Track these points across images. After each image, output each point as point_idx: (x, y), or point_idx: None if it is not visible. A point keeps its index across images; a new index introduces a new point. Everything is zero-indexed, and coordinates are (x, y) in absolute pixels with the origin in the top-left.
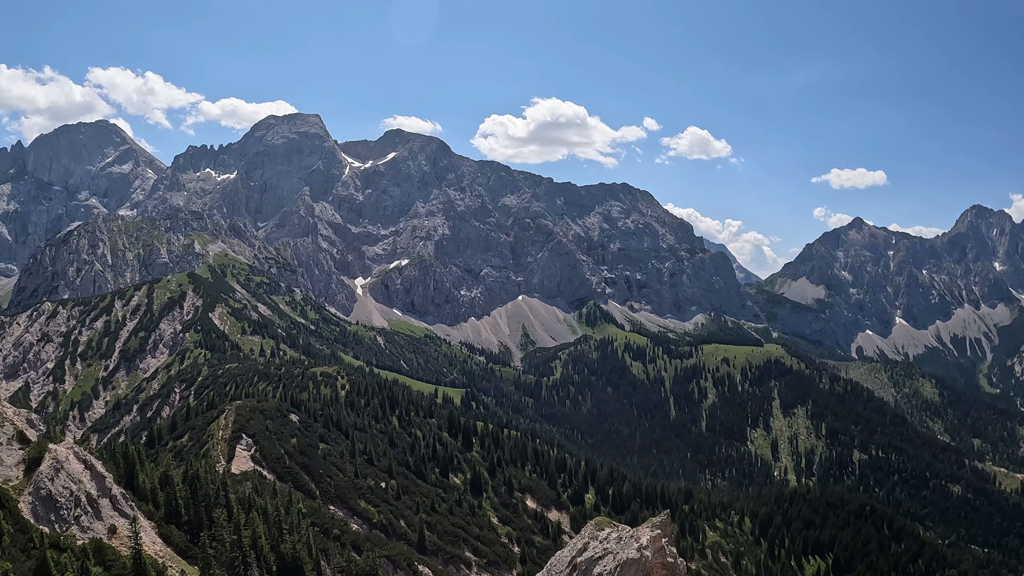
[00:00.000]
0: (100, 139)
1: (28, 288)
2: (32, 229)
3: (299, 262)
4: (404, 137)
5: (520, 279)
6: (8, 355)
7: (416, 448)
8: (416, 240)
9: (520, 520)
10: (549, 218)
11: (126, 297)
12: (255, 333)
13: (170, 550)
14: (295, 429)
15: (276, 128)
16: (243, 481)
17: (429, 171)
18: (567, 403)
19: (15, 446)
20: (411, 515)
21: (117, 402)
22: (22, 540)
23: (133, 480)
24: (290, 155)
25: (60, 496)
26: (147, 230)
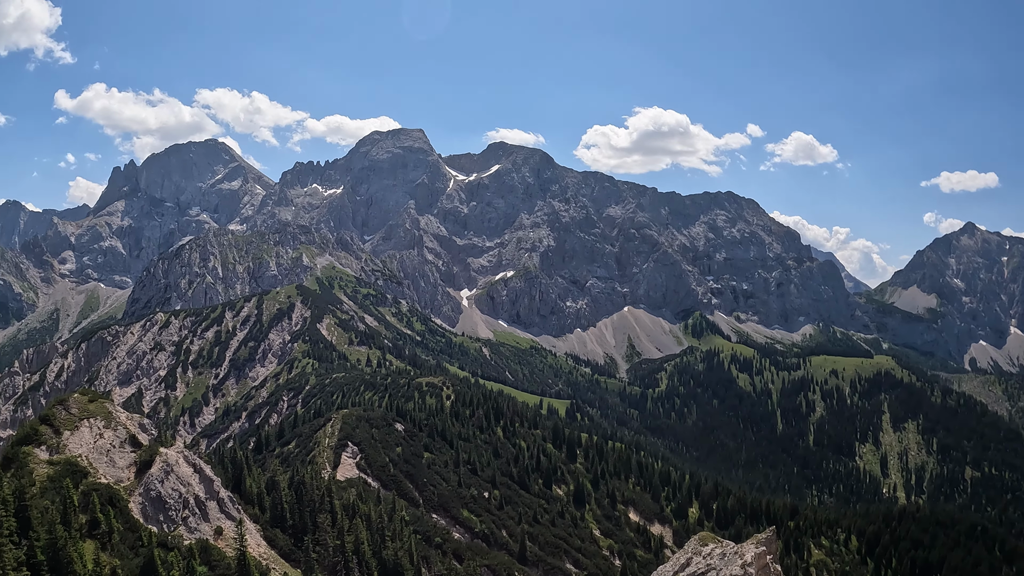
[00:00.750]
0: (209, 157)
1: (142, 299)
2: (145, 244)
3: (405, 274)
4: (507, 149)
5: (626, 290)
6: (122, 363)
7: (520, 459)
8: (521, 252)
9: (622, 533)
10: (654, 228)
11: (236, 308)
12: (362, 344)
13: (274, 553)
14: (400, 438)
15: (381, 143)
16: (348, 488)
17: (533, 183)
18: (672, 415)
19: (127, 449)
20: (513, 525)
21: (227, 409)
22: (131, 538)
23: (240, 484)
24: (395, 169)
25: (169, 497)
26: (256, 244)
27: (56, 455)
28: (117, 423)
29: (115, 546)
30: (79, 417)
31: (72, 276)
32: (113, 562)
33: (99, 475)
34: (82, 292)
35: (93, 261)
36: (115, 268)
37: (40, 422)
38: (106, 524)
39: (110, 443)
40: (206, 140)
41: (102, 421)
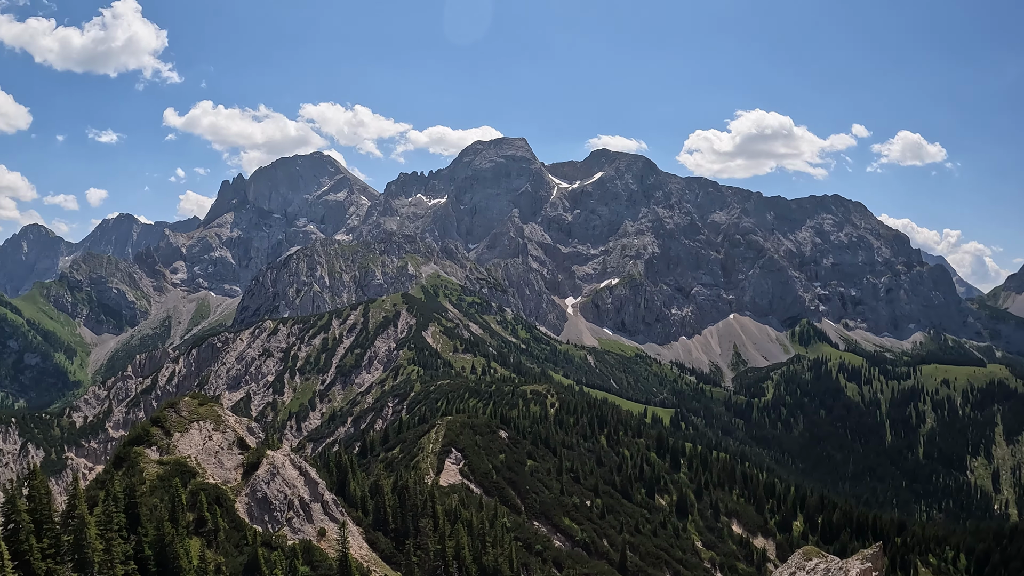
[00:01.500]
0: (315, 169)
1: (251, 307)
2: (254, 254)
3: (510, 282)
4: (610, 156)
5: (731, 297)
6: (231, 368)
7: (623, 468)
8: (626, 259)
9: (724, 545)
10: (759, 234)
11: (343, 316)
12: (467, 351)
13: (375, 555)
14: (504, 445)
15: (483, 153)
16: (450, 493)
17: (636, 189)
18: (778, 425)
19: (235, 451)
20: (614, 535)
21: (332, 414)
22: (236, 537)
23: (344, 488)
24: (498, 178)
25: (275, 499)
26: (362, 253)
27: (166, 455)
28: (226, 426)
29: (220, 544)
30: (189, 420)
31: (183, 285)
32: (218, 559)
33: (207, 475)
34: (193, 300)
35: (203, 271)
36: (225, 277)
37: (151, 424)
38: (212, 523)
39: (218, 445)
40: (311, 153)
41: (211, 424)
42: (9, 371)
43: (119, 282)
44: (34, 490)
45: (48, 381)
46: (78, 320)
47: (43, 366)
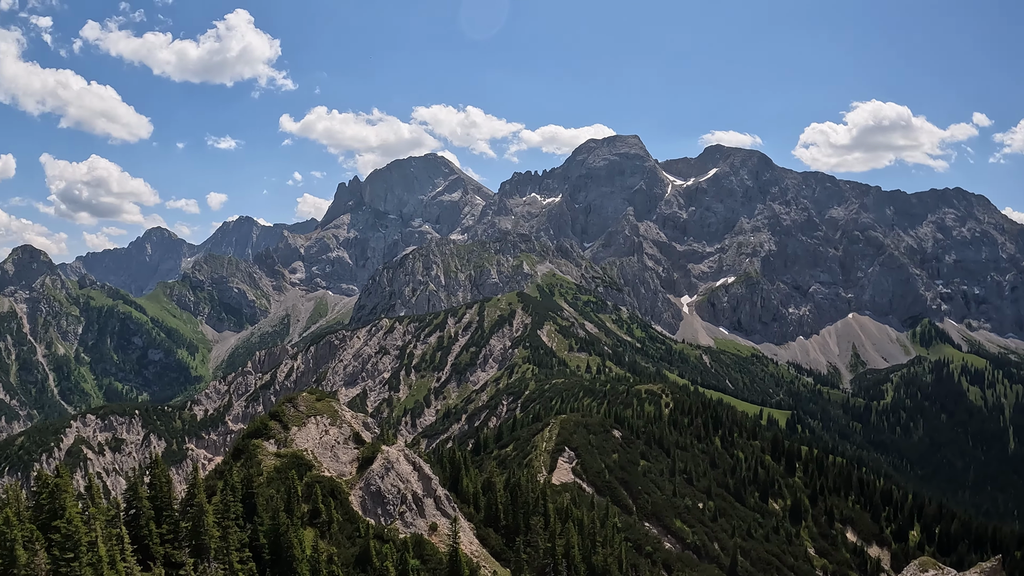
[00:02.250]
0: (429, 171)
1: (367, 306)
2: (371, 254)
3: (625, 281)
4: (724, 152)
5: (850, 295)
6: (348, 365)
7: (737, 470)
8: (742, 257)
9: (838, 554)
10: (879, 229)
11: (458, 315)
12: (582, 350)
13: (485, 551)
14: (617, 445)
15: (597, 151)
16: (562, 492)
17: (752, 185)
18: (897, 430)
19: (351, 446)
20: (726, 538)
21: (447, 411)
22: (349, 529)
23: (457, 483)
24: (612, 176)
25: (388, 493)
26: (478, 252)
27: (283, 448)
28: (342, 421)
29: (334, 535)
30: (306, 414)
31: (302, 285)
32: (330, 550)
33: (323, 468)
34: (311, 299)
35: (321, 271)
36: (342, 277)
37: (270, 417)
38: (326, 514)
39: (335, 439)
40: (426, 155)
41: (328, 419)
42: (134, 366)
43: (239, 282)
44: (155, 478)
45: (171, 376)
46: (200, 318)
47: (166, 362)
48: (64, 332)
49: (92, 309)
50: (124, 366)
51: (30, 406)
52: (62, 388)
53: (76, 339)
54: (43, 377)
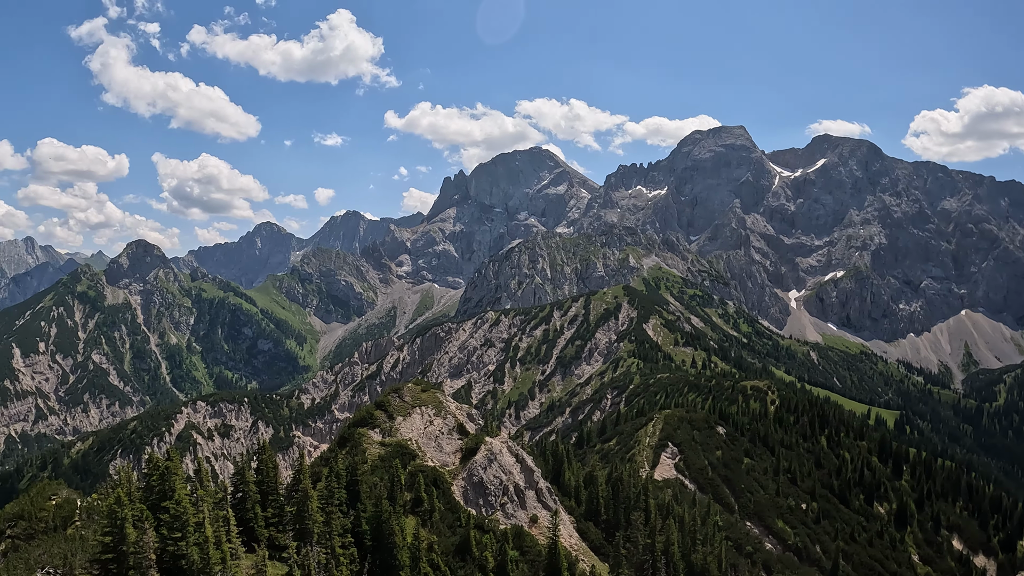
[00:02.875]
0: (534, 164)
1: (473, 299)
2: (476, 247)
3: (732, 275)
4: (832, 142)
5: (963, 291)
6: (454, 357)
7: (842, 471)
8: (851, 250)
9: (943, 562)
10: (993, 222)
11: (564, 308)
12: (687, 345)
13: (584, 545)
14: (721, 441)
15: (702, 142)
16: (664, 488)
17: (861, 176)
18: (1009, 434)
19: (455, 436)
20: (828, 541)
21: (551, 404)
22: (450, 518)
23: (559, 476)
24: (718, 168)
25: (490, 484)
26: (583, 246)
27: (388, 437)
28: (447, 412)
29: (435, 524)
30: (412, 405)
31: (408, 277)
32: (431, 538)
33: (426, 458)
34: (417, 292)
35: (428, 264)
36: (448, 270)
37: (376, 407)
38: (428, 503)
39: (439, 430)
40: (530, 148)
41: (433, 409)
42: (244, 356)
43: (347, 275)
44: (262, 464)
45: (279, 365)
46: (308, 310)
47: (275, 351)
48: (176, 323)
49: (204, 301)
50: (234, 355)
51: (143, 392)
52: (174, 376)
53: (188, 329)
54: (156, 365)
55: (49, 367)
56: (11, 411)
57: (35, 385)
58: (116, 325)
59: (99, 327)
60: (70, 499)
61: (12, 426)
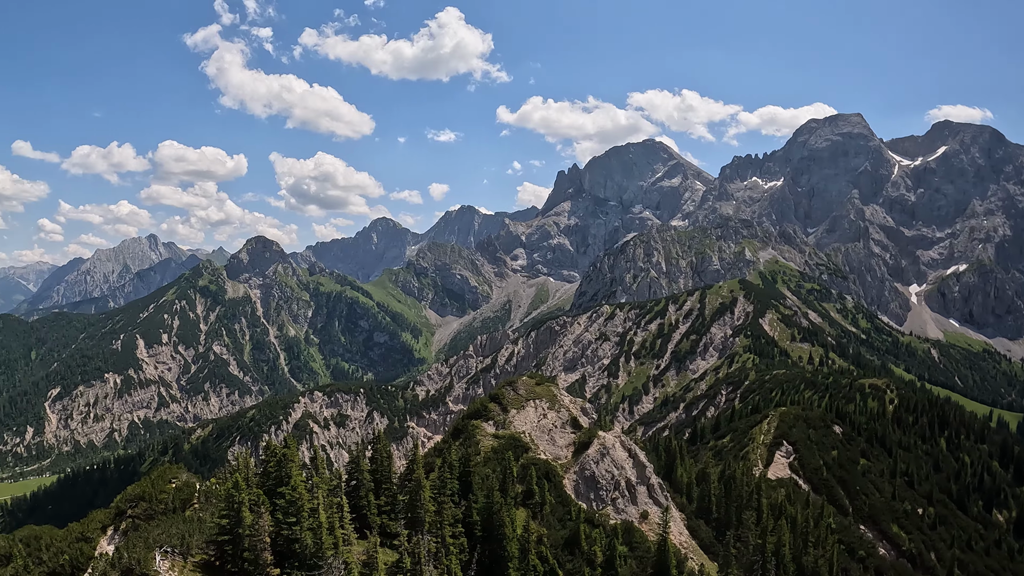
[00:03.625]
0: (648, 156)
1: (588, 292)
2: (591, 240)
3: (850, 268)
4: (953, 129)
5: None
6: (568, 351)
7: (961, 475)
8: (974, 242)
9: None
10: None
11: (679, 302)
12: (804, 340)
13: (694, 543)
14: (837, 441)
15: (818, 131)
16: (777, 487)
17: (984, 164)
18: None
19: (568, 430)
20: (944, 549)
21: (665, 399)
22: (561, 512)
23: (671, 473)
24: (835, 158)
25: (602, 478)
26: (698, 239)
27: (502, 430)
28: (560, 405)
29: (545, 517)
30: (526, 398)
31: (523, 271)
32: (541, 530)
33: (539, 451)
34: (532, 285)
35: (542, 257)
36: (563, 263)
37: (490, 399)
38: (539, 496)
39: (552, 423)
40: (644, 140)
41: (546, 403)
42: (360, 348)
43: (462, 268)
44: (377, 453)
45: (394, 357)
46: (424, 303)
47: (390, 344)
48: (295, 315)
49: (321, 294)
50: (351, 347)
51: (262, 382)
52: (292, 367)
53: (306, 322)
54: (274, 356)
55: (171, 357)
56: (135, 398)
57: (158, 374)
58: (236, 318)
59: (220, 319)
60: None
61: (136, 413)
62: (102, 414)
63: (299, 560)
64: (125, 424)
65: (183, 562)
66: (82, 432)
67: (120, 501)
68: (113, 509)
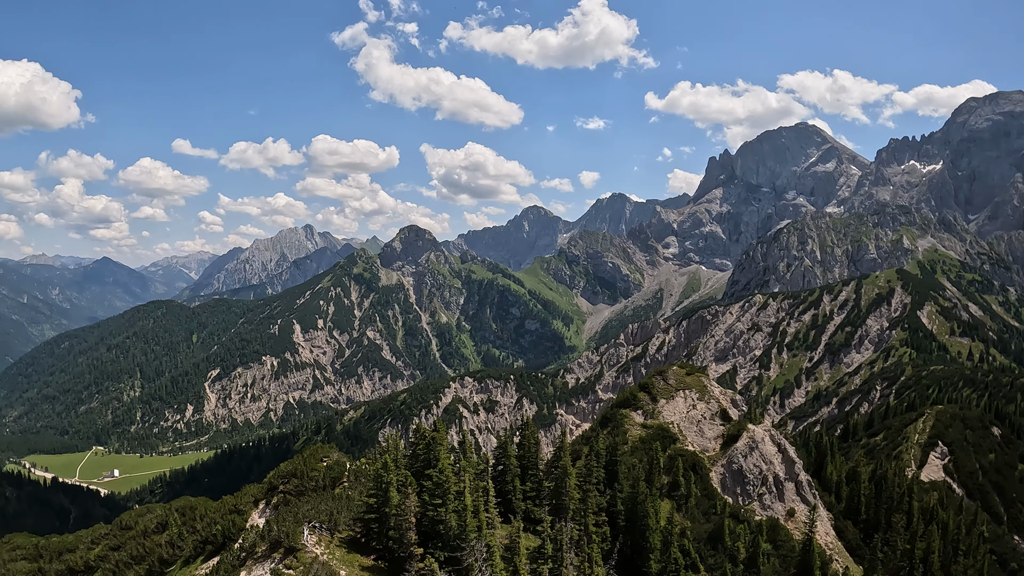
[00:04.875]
0: (801, 140)
1: (740, 281)
2: (744, 228)
3: (1013, 258)
4: None
5: None
6: (719, 341)
7: None
8: None
9: None
10: None
11: (834, 292)
12: (964, 335)
13: (840, 544)
14: (995, 444)
15: (978, 111)
16: (929, 491)
17: None
18: None
19: (717, 422)
20: None
21: (817, 393)
22: (705, 505)
23: (821, 470)
24: (996, 139)
25: (749, 472)
26: (854, 226)
27: (650, 420)
28: (710, 397)
29: (690, 509)
30: (675, 388)
31: (675, 259)
32: (684, 523)
33: (686, 442)
34: (684, 274)
35: (694, 245)
36: (715, 251)
37: (639, 389)
38: (685, 488)
39: (701, 414)
40: (796, 124)
41: (696, 393)
42: (511, 335)
43: (614, 256)
44: (525, 439)
45: (545, 345)
46: (575, 291)
47: (541, 331)
48: (447, 302)
49: (473, 282)
50: (502, 334)
51: (413, 367)
52: (443, 352)
53: (458, 309)
54: (426, 342)
55: (326, 342)
56: (291, 380)
57: (313, 358)
58: (389, 304)
59: (373, 306)
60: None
61: (291, 394)
62: (259, 394)
63: (443, 541)
64: (280, 404)
65: (330, 537)
66: (239, 411)
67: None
68: (266, 484)
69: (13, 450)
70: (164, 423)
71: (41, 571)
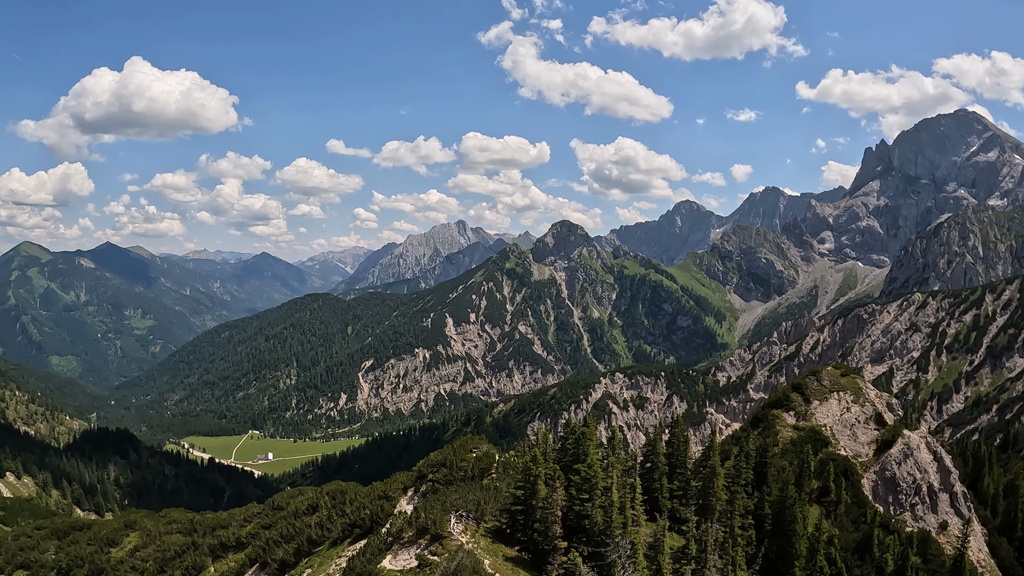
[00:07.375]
0: (961, 129)
1: (899, 279)
2: (902, 222)
3: None
4: None
5: None
6: (876, 341)
7: None
8: None
9: None
10: None
11: (997, 291)
12: None
13: (993, 562)
14: None
15: None
16: None
17: None
18: None
19: (871, 426)
20: None
21: (977, 399)
22: (855, 513)
23: (978, 482)
24: None
25: (903, 481)
26: (1019, 220)
27: (802, 422)
28: (865, 399)
29: (839, 516)
30: (829, 389)
31: (830, 255)
32: (832, 531)
33: (839, 447)
34: (840, 270)
35: (851, 240)
36: (872, 247)
37: (792, 389)
38: (835, 494)
39: (855, 418)
40: (955, 111)
41: (851, 396)
42: (663, 331)
43: (767, 252)
44: (674, 437)
45: (697, 342)
46: (728, 287)
47: (693, 328)
48: (599, 298)
49: (625, 277)
50: (653, 330)
51: (564, 362)
52: (594, 348)
53: (609, 304)
54: (578, 337)
55: (478, 335)
56: (443, 372)
57: (465, 351)
58: (541, 299)
59: (525, 300)
60: (489, 453)
61: (443, 385)
62: (411, 385)
63: (587, 536)
64: (431, 395)
65: (476, 526)
66: (391, 400)
67: (422, 465)
68: (415, 472)
69: (173, 432)
70: (318, 410)
71: (195, 544)
